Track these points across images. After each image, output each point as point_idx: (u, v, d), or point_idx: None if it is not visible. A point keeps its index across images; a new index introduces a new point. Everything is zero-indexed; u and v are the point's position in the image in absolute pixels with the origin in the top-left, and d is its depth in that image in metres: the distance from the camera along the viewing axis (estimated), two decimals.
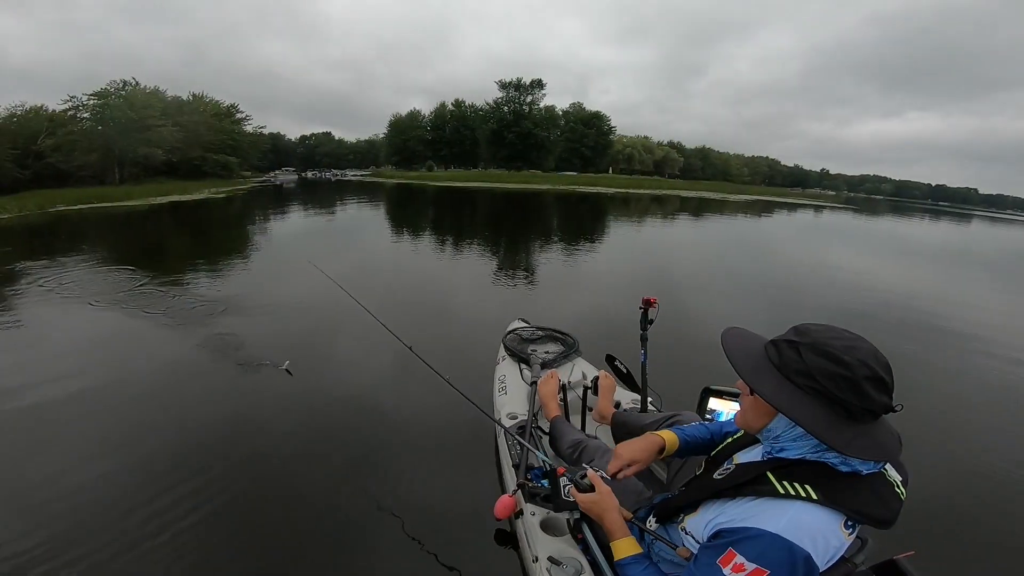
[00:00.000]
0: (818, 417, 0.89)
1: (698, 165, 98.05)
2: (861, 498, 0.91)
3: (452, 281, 7.49)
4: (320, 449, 2.82)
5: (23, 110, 35.41)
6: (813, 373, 0.89)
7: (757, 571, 0.88)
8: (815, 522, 0.90)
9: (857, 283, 8.53)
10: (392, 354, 3.99)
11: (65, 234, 12.88)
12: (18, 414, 3.19)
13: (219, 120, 42.96)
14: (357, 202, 23.81)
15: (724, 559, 0.93)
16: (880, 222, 30.23)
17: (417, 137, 67.49)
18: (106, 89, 35.36)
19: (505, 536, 2.07)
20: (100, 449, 2.80)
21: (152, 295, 6.02)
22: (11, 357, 4.17)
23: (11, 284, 6.61)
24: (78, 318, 5.20)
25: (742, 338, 1.06)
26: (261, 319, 5.16)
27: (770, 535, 0.89)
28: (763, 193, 58.73)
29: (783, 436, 0.99)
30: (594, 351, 2.92)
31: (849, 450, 0.87)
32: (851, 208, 46.41)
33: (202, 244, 11.50)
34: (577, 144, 66.19)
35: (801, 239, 17.10)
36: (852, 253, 13.70)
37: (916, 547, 1.19)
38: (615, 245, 12.13)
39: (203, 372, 3.86)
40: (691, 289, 7.33)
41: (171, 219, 16.30)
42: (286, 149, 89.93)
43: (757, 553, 0.89)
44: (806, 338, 0.93)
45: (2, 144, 30.00)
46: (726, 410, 1.87)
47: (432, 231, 13.84)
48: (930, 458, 2.92)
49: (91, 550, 2.06)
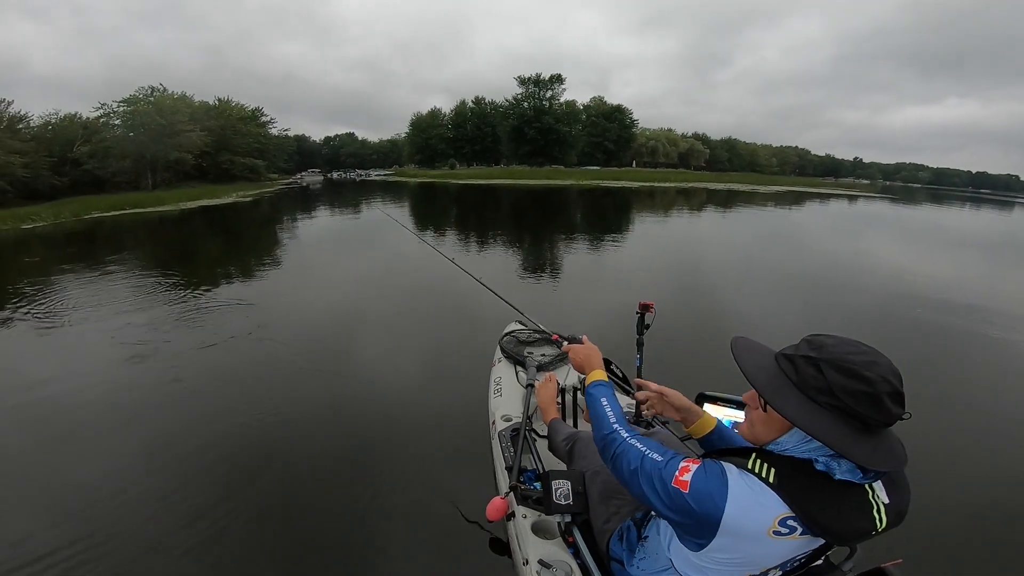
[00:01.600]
0: (843, 434, 0.88)
1: (724, 157, 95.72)
2: (822, 501, 0.90)
3: (458, 281, 7.29)
4: (310, 449, 2.84)
5: (58, 118, 36.52)
6: (835, 391, 0.88)
7: (685, 483, 0.97)
8: (754, 497, 0.92)
9: (892, 277, 7.84)
10: (384, 353, 4.19)
11: (101, 239, 13.04)
12: (54, 415, 3.27)
13: (245, 124, 43.63)
14: (382, 201, 23.82)
15: (688, 462, 1.01)
16: (919, 211, 28.73)
17: (439, 135, 67.54)
18: (135, 96, 36.15)
19: (497, 538, 2.08)
20: (126, 451, 2.87)
21: (180, 297, 6.11)
22: (45, 360, 4.25)
23: (47, 288, 6.69)
24: (110, 323, 5.18)
25: (752, 350, 1.04)
26: (269, 322, 5.19)
27: (722, 477, 0.95)
28: (795, 184, 56.40)
29: (793, 448, 0.97)
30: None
31: (871, 461, 0.87)
32: (888, 197, 44.29)
33: (231, 248, 11.47)
34: (599, 138, 65.28)
35: (837, 230, 16.16)
36: (891, 245, 12.84)
37: (904, 555, 1.18)
38: (627, 243, 11.56)
39: (205, 378, 3.87)
40: (694, 290, 6.93)
41: (201, 223, 16.45)
42: (311, 151, 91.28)
43: (701, 475, 0.97)
44: (824, 353, 0.91)
45: (39, 152, 30.95)
46: (721, 416, 1.75)
47: (453, 229, 13.49)
48: (923, 466, 2.70)
49: (116, 547, 2.13)
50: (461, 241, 11.02)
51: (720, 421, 1.42)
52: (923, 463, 1.86)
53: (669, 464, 1.03)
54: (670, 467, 1.02)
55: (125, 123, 34.72)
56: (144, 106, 34.87)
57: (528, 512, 1.65)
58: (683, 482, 0.97)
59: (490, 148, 66.63)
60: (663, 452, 1.08)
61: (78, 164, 33.02)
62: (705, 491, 0.94)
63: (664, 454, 1.07)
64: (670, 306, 5.66)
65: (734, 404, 1.74)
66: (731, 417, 1.73)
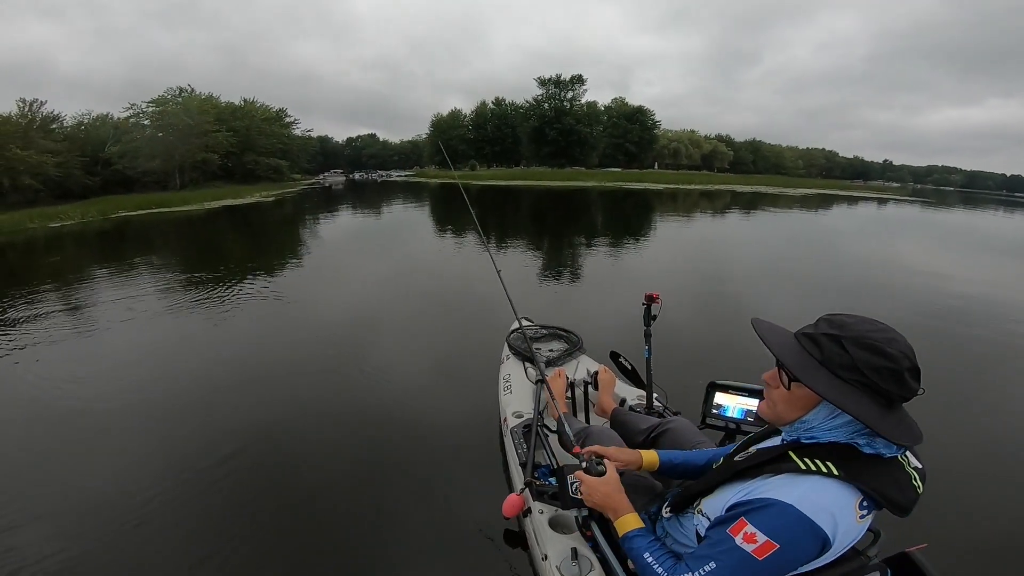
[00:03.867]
0: (871, 409, 0.89)
1: (749, 159, 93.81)
2: (881, 479, 0.92)
3: (464, 279, 7.35)
4: (326, 449, 2.81)
5: (90, 118, 37.43)
6: (860, 367, 0.89)
7: (768, 544, 0.88)
8: (831, 497, 0.90)
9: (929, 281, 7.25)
10: (397, 354, 4.20)
11: (129, 238, 13.12)
12: (75, 416, 3.25)
13: (270, 124, 44.14)
14: (403, 202, 23.74)
15: (735, 528, 0.93)
16: (955, 214, 27.31)
17: (459, 136, 67.52)
18: (164, 96, 36.83)
19: (514, 535, 2.06)
20: (119, 461, 2.79)
21: (199, 295, 6.17)
22: (68, 360, 4.25)
23: (70, 287, 6.76)
24: (134, 323, 5.20)
25: (773, 330, 1.04)
26: (284, 322, 5.26)
27: (783, 504, 0.90)
28: (825, 186, 54.58)
29: (819, 426, 0.98)
30: (602, 348, 2.82)
31: (896, 435, 0.89)
32: (921, 200, 42.52)
33: (249, 247, 11.35)
34: (621, 140, 64.48)
35: (882, 236, 15.38)
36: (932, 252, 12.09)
37: (929, 539, 1.16)
38: (648, 243, 11.13)
39: (216, 380, 3.84)
40: (701, 283, 6.98)
41: (226, 222, 16.48)
42: (334, 151, 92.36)
43: (769, 524, 0.89)
44: (846, 331, 0.92)
45: (71, 152, 31.72)
46: (732, 405, 1.79)
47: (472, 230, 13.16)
48: (947, 448, 2.73)
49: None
50: (486, 238, 10.71)
51: (664, 455, 1.41)
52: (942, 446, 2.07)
53: (727, 546, 0.92)
54: (733, 549, 0.91)
55: (154, 123, 35.38)
56: (172, 107, 35.50)
57: (544, 507, 1.65)
58: (763, 546, 0.88)
59: (510, 149, 66.29)
60: (701, 556, 0.97)
61: (109, 164, 33.78)
62: (793, 532, 0.88)
63: (702, 552, 0.98)
64: (691, 297, 5.97)
65: (745, 392, 1.76)
66: (743, 405, 1.76)
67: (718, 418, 1.83)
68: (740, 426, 1.78)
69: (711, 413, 1.85)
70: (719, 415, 1.82)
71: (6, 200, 26.18)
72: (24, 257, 10.74)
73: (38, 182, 27.76)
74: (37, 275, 7.94)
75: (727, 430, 1.81)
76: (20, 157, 26.51)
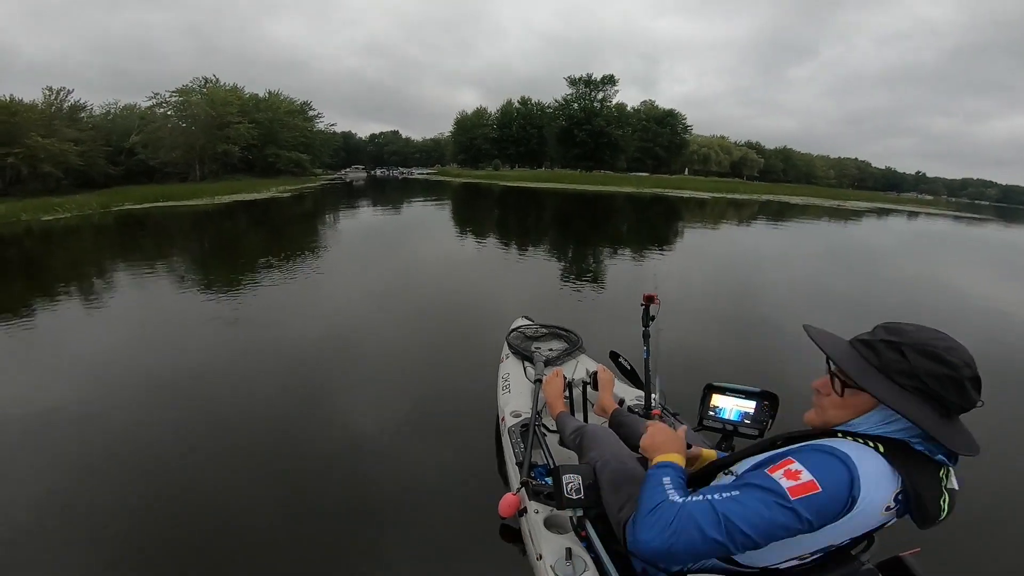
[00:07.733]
0: (931, 416, 0.87)
1: (779, 167, 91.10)
2: (923, 478, 0.89)
3: (467, 279, 7.37)
4: (319, 443, 2.75)
5: (117, 108, 37.13)
6: (919, 374, 0.87)
7: (810, 484, 0.85)
8: (878, 469, 0.87)
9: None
10: (397, 353, 4.14)
11: (123, 235, 12.14)
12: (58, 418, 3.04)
13: (293, 117, 43.42)
14: (423, 200, 22.79)
15: (777, 466, 0.89)
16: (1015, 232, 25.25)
17: (483, 135, 66.32)
18: (188, 86, 36.31)
19: (510, 534, 2.00)
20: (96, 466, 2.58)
21: (199, 295, 6.05)
22: (38, 362, 4.05)
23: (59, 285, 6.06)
24: (115, 323, 5.05)
25: (827, 337, 1.02)
26: (284, 319, 5.20)
27: (841, 453, 0.87)
28: (873, 199, 51.18)
29: (869, 430, 0.94)
30: (602, 348, 2.67)
31: (955, 444, 0.86)
32: (968, 216, 39.57)
33: (257, 247, 10.25)
34: (650, 143, 62.69)
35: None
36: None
37: (922, 545, 1.16)
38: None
39: (210, 375, 3.78)
40: (700, 286, 6.99)
41: (237, 220, 15.34)
42: (356, 147, 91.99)
43: (821, 465, 0.86)
44: (905, 338, 0.90)
45: (96, 141, 31.33)
46: (729, 407, 1.73)
47: (490, 231, 11.93)
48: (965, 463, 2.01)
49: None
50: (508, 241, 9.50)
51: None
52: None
53: (761, 480, 0.89)
54: (768, 482, 0.87)
55: (178, 113, 34.88)
56: (195, 97, 34.93)
57: (540, 507, 1.64)
58: (806, 484, 0.85)
59: (535, 150, 64.82)
60: (725, 485, 0.94)
61: (132, 153, 33.38)
62: (838, 481, 0.85)
63: (725, 484, 0.97)
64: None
65: (742, 394, 1.66)
66: (740, 408, 1.66)
67: (715, 420, 1.70)
68: (737, 428, 1.65)
69: (708, 415, 1.74)
70: (716, 417, 1.70)
71: (26, 187, 25.73)
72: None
73: (59, 170, 27.29)
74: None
75: (724, 432, 1.68)
76: (41, 145, 26.02)
